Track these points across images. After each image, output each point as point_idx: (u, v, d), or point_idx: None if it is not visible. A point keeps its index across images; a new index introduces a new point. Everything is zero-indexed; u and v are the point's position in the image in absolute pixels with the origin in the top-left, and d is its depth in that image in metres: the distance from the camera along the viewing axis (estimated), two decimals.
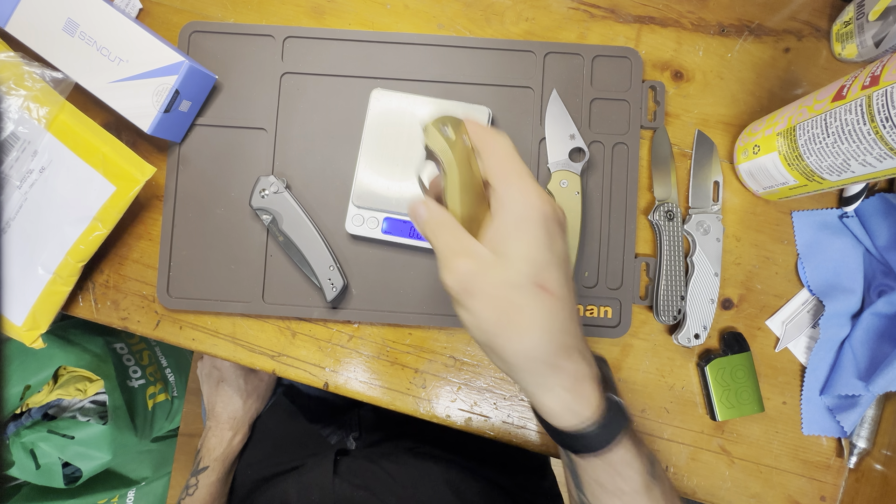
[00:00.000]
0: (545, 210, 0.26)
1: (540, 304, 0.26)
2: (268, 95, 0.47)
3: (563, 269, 0.27)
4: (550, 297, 0.26)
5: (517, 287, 0.25)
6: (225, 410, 0.62)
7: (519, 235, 0.26)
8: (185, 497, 0.57)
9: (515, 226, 0.26)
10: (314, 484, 0.52)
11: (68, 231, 0.43)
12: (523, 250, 0.26)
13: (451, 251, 0.27)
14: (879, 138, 0.33)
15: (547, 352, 0.26)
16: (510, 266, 0.25)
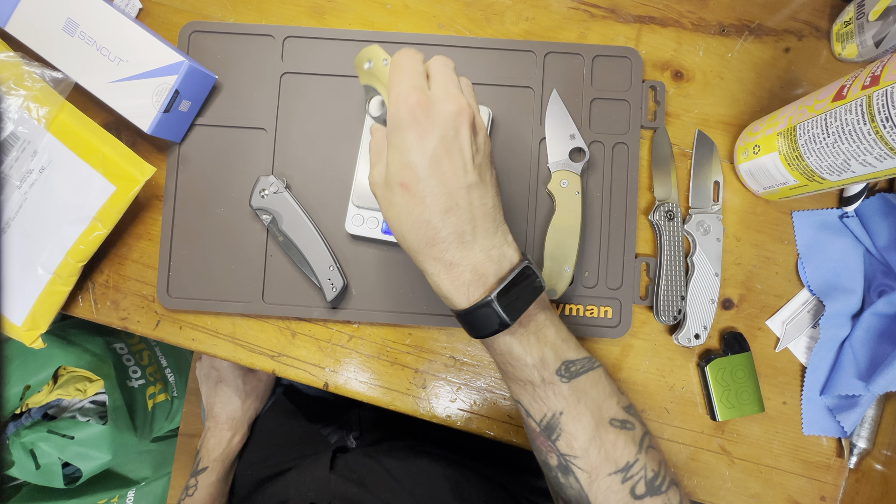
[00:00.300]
0: (407, 113, 0.28)
1: (402, 201, 0.30)
2: (268, 95, 0.47)
3: (426, 168, 0.29)
4: (409, 194, 0.29)
5: (388, 187, 0.30)
6: (223, 411, 0.62)
7: (391, 140, 0.30)
8: (185, 498, 0.57)
9: (389, 131, 0.30)
10: (311, 479, 0.52)
11: (68, 231, 0.43)
12: (391, 155, 0.30)
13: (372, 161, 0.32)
14: (879, 138, 0.33)
15: (414, 241, 0.31)
16: (385, 170, 0.30)
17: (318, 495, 0.49)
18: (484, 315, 0.30)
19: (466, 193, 0.30)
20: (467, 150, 0.30)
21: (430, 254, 0.30)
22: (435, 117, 0.29)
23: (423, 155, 0.29)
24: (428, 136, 0.29)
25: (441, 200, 0.29)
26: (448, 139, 0.29)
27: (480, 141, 0.31)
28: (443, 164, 0.29)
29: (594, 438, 0.31)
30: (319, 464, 0.53)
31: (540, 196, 0.46)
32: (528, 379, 0.32)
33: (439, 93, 0.30)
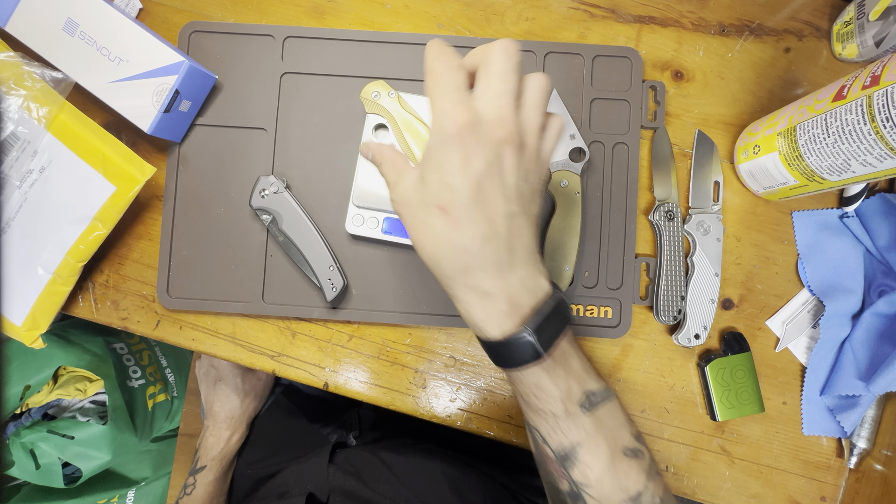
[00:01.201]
0: (454, 131, 0.26)
1: (439, 224, 0.28)
2: (268, 95, 0.47)
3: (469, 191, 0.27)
4: (447, 218, 0.27)
5: (424, 206, 0.28)
6: (222, 409, 0.62)
7: (432, 158, 0.28)
8: (183, 496, 0.57)
9: (430, 149, 0.28)
10: (309, 472, 0.52)
11: (68, 231, 0.43)
12: (432, 173, 0.28)
13: (391, 178, 0.31)
14: (880, 138, 0.33)
15: (448, 267, 0.29)
16: (423, 187, 0.28)
17: (317, 487, 0.49)
18: (517, 346, 0.29)
19: (507, 222, 0.28)
20: (511, 178, 0.28)
21: (465, 281, 0.29)
22: (483, 139, 0.27)
23: (467, 178, 0.27)
24: (474, 158, 0.27)
25: (481, 227, 0.28)
26: (493, 164, 0.27)
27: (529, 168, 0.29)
28: (486, 190, 0.27)
29: (608, 469, 0.31)
30: (318, 457, 0.53)
31: None
32: (551, 410, 0.31)
33: (490, 113, 0.27)
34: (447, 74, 0.28)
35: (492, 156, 0.27)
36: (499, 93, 0.28)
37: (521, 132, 0.28)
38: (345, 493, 0.48)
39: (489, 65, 0.28)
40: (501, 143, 0.27)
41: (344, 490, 0.48)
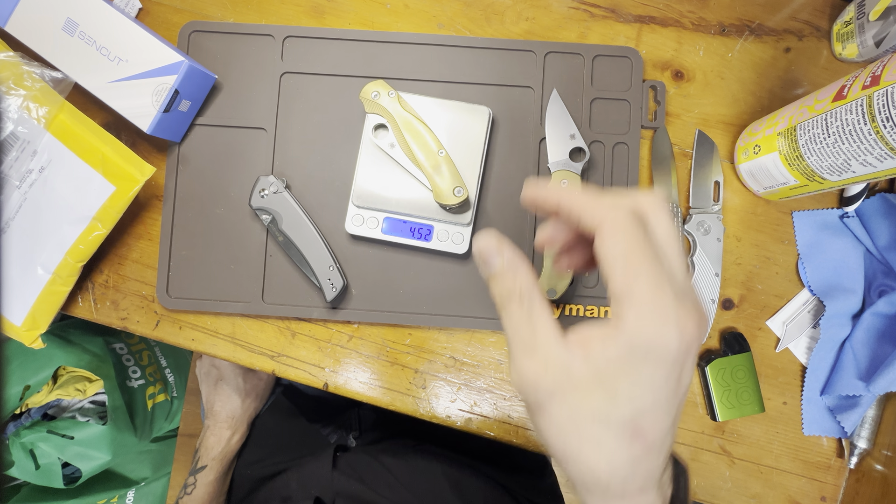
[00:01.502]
0: (682, 350, 0.19)
1: (626, 448, 0.20)
2: (267, 95, 0.47)
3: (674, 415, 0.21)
4: (643, 444, 0.20)
5: (606, 424, 0.20)
6: (223, 409, 0.62)
7: (634, 370, 0.20)
8: (184, 496, 0.57)
9: (632, 356, 0.19)
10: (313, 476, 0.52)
11: (68, 231, 0.43)
12: (631, 390, 0.20)
13: (526, 346, 0.21)
14: (880, 138, 0.33)
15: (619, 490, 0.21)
16: (607, 400, 0.20)
17: (321, 491, 0.49)
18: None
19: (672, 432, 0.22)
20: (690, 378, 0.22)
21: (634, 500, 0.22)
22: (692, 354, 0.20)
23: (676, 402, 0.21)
24: (685, 377, 0.21)
25: (667, 449, 0.22)
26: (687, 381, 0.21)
27: None
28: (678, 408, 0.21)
29: None
30: (321, 461, 0.53)
31: None
32: None
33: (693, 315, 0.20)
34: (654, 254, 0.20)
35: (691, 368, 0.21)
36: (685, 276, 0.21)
37: None
38: (349, 496, 0.48)
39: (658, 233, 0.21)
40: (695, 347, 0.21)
41: (348, 493, 0.48)
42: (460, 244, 0.44)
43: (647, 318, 0.19)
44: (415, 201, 0.44)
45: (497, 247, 0.23)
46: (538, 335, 0.21)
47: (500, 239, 0.23)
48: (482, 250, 0.23)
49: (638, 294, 0.19)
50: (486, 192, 0.46)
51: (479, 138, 0.44)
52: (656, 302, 0.19)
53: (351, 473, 0.51)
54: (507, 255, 0.22)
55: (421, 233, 0.44)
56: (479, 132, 0.44)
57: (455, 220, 0.44)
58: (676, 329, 0.19)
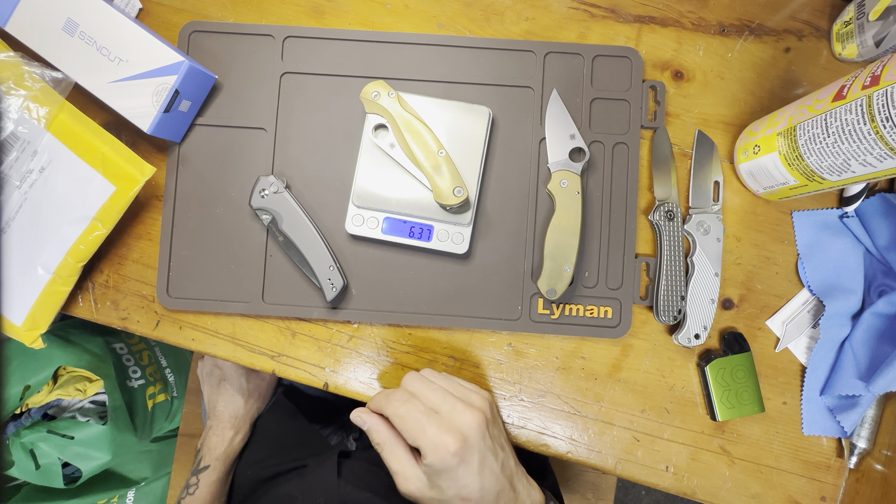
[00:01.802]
0: (455, 455, 0.35)
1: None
2: (268, 95, 0.47)
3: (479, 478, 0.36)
4: (471, 502, 0.36)
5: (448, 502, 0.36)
6: (226, 409, 0.62)
7: (441, 475, 0.35)
8: (186, 496, 0.56)
9: (437, 471, 0.35)
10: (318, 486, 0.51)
11: (68, 231, 0.43)
12: (446, 483, 0.36)
13: (398, 473, 0.37)
14: (880, 138, 0.33)
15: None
16: (439, 492, 0.36)
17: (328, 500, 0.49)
18: None
19: (503, 470, 0.37)
20: (493, 443, 0.38)
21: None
22: (471, 444, 0.36)
23: (475, 476, 0.36)
24: (473, 461, 0.36)
25: (494, 490, 0.36)
26: (484, 450, 0.36)
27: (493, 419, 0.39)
28: (487, 467, 0.36)
29: None
30: (326, 470, 0.53)
31: (540, 196, 0.46)
32: None
33: (460, 419, 0.36)
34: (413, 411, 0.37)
35: (482, 443, 0.36)
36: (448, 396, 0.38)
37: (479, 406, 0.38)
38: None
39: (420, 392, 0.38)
40: (480, 425, 0.37)
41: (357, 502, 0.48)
42: (460, 244, 0.44)
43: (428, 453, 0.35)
44: (415, 201, 0.44)
45: (364, 417, 0.39)
46: (402, 463, 0.37)
47: (364, 412, 0.39)
48: (356, 420, 0.39)
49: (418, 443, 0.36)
50: (486, 192, 0.46)
51: (479, 138, 0.44)
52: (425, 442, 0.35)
53: (357, 482, 0.51)
54: (370, 422, 0.39)
55: (421, 233, 0.44)
56: (479, 132, 0.44)
57: (455, 220, 0.44)
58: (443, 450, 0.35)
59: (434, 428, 0.36)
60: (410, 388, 0.39)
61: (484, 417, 0.37)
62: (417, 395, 0.38)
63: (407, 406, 0.37)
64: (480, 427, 0.37)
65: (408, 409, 0.37)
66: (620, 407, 0.47)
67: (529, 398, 0.47)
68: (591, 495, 0.74)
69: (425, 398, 0.38)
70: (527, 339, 0.47)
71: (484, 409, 0.38)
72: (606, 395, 0.47)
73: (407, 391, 0.39)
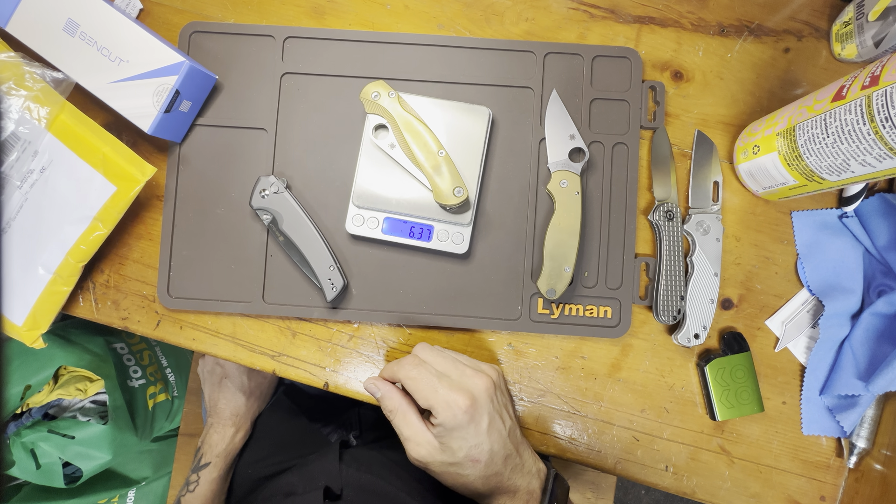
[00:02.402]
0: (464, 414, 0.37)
1: (474, 470, 0.38)
2: (268, 95, 0.47)
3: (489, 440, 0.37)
4: (480, 464, 0.38)
5: (457, 465, 0.38)
6: (228, 407, 0.62)
7: (451, 436, 0.37)
8: (186, 493, 0.57)
9: (448, 431, 0.37)
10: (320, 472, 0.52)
11: (69, 231, 0.43)
12: (457, 444, 0.37)
13: (408, 438, 0.38)
14: (879, 138, 0.33)
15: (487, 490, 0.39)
16: (450, 454, 0.37)
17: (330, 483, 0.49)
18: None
19: (510, 436, 0.39)
20: (500, 407, 0.39)
21: (498, 492, 0.38)
22: (480, 404, 0.38)
23: (484, 436, 0.37)
24: (482, 421, 0.37)
25: (502, 454, 0.38)
26: (493, 412, 0.38)
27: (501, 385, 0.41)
28: (495, 429, 0.38)
29: None
30: (328, 457, 0.53)
31: (540, 196, 0.46)
32: None
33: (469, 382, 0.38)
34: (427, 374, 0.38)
35: (489, 406, 0.38)
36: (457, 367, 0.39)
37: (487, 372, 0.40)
38: (359, 486, 0.48)
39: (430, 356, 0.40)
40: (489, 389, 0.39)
41: (358, 483, 0.49)
42: (460, 244, 0.44)
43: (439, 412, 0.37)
44: (415, 201, 0.44)
45: (376, 384, 0.40)
46: (412, 428, 0.38)
47: (377, 379, 0.41)
48: (368, 388, 0.41)
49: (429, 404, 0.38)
50: (486, 192, 0.46)
51: (479, 138, 0.44)
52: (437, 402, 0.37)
53: (358, 466, 0.51)
54: (383, 389, 0.40)
55: (421, 233, 0.44)
56: (479, 132, 0.44)
57: (455, 220, 0.44)
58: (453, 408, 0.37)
59: (445, 388, 0.37)
60: (422, 355, 0.40)
61: (492, 382, 0.39)
62: (428, 360, 0.40)
63: (419, 369, 0.39)
64: (489, 390, 0.39)
65: (420, 372, 0.38)
66: (620, 406, 0.47)
67: (529, 398, 0.47)
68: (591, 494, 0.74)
69: (436, 363, 0.39)
70: (526, 338, 0.47)
71: (492, 376, 0.40)
72: (606, 395, 0.47)
73: (418, 357, 0.40)
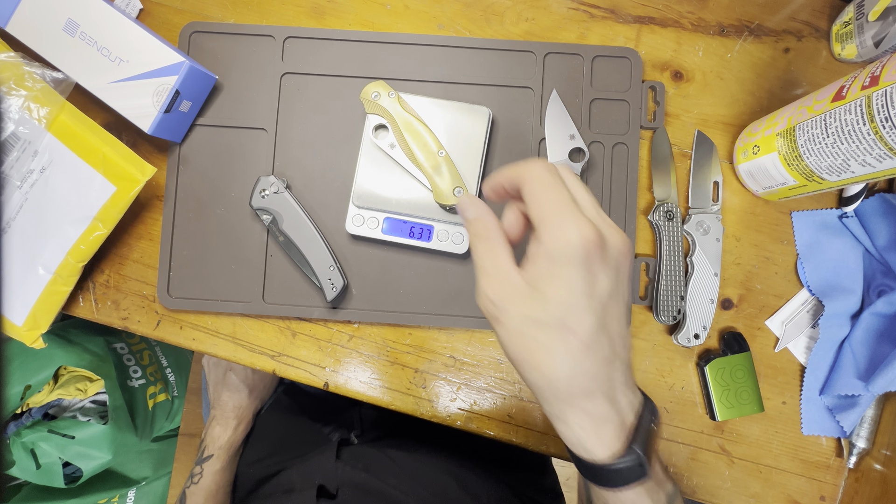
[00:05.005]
0: (585, 248, 0.25)
1: (563, 346, 0.25)
2: (268, 95, 0.47)
3: (597, 312, 0.26)
4: (575, 341, 0.25)
5: (543, 325, 0.25)
6: (231, 399, 0.63)
7: (553, 274, 0.25)
8: (190, 485, 0.57)
9: (550, 264, 0.25)
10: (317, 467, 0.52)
11: (69, 231, 0.43)
12: (555, 291, 0.25)
13: (487, 272, 0.27)
14: (879, 138, 0.33)
15: (566, 391, 0.26)
16: (540, 304, 0.25)
17: (325, 481, 0.49)
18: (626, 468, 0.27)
19: (623, 340, 0.27)
20: (628, 294, 0.28)
21: (583, 405, 0.27)
22: (609, 259, 0.26)
23: (596, 300, 0.26)
24: (602, 279, 0.26)
25: (607, 351, 0.26)
26: (617, 283, 0.26)
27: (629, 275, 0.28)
28: (611, 311, 0.26)
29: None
30: (325, 454, 0.53)
31: None
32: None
33: (606, 230, 0.27)
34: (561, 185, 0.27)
35: (615, 275, 0.26)
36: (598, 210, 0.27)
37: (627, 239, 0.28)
38: (354, 485, 0.49)
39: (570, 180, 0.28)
40: (621, 263, 0.27)
41: (353, 482, 0.49)
42: (460, 244, 0.44)
43: (554, 231, 0.25)
44: (415, 201, 0.44)
45: (472, 201, 0.29)
46: (497, 262, 0.27)
47: (474, 197, 0.31)
48: (462, 204, 0.30)
49: (547, 217, 0.25)
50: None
51: (479, 138, 0.44)
52: (559, 218, 0.25)
53: (355, 464, 0.51)
54: (480, 207, 0.29)
55: (421, 233, 0.44)
56: (479, 132, 0.44)
57: (455, 220, 0.44)
58: (576, 232, 0.25)
59: (576, 211, 0.26)
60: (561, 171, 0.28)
61: (630, 250, 0.28)
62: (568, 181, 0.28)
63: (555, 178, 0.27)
64: (625, 253, 0.27)
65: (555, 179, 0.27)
66: None
67: (529, 398, 0.47)
68: None
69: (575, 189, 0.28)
70: None
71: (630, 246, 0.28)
72: None
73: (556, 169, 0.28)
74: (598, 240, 0.25)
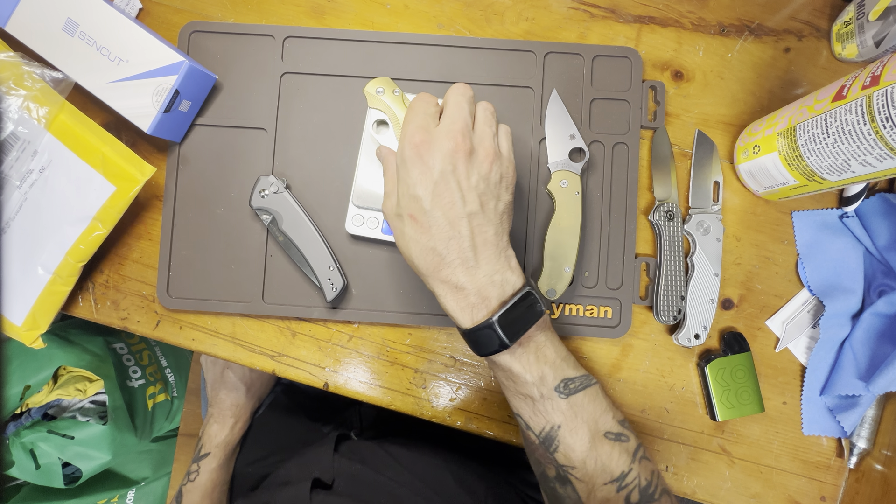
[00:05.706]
0: (412, 148, 0.32)
1: (411, 230, 0.33)
2: (268, 95, 0.47)
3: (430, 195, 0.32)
4: (416, 224, 0.33)
5: (399, 217, 0.34)
6: (228, 397, 0.63)
7: (400, 176, 0.33)
8: (187, 483, 0.57)
9: (398, 168, 0.34)
10: (314, 460, 0.52)
11: (68, 231, 0.43)
12: (401, 187, 0.33)
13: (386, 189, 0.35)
14: (879, 138, 0.33)
15: (424, 267, 0.33)
16: (397, 201, 0.34)
17: (322, 473, 0.49)
18: (486, 335, 0.33)
19: (467, 222, 0.33)
20: (465, 182, 0.32)
21: (438, 277, 0.33)
22: (435, 154, 0.32)
23: (426, 188, 0.32)
24: (430, 171, 0.32)
25: (444, 229, 0.32)
26: (447, 173, 0.32)
27: (486, 167, 0.33)
28: (443, 196, 0.32)
29: (591, 450, 0.33)
30: (323, 447, 0.53)
31: (540, 196, 0.46)
32: (527, 394, 0.35)
33: (440, 131, 0.33)
34: (419, 107, 0.34)
35: (446, 165, 0.32)
36: (452, 116, 0.33)
37: (473, 141, 0.33)
38: (350, 476, 0.49)
39: (447, 101, 0.34)
40: (453, 153, 0.32)
41: (350, 473, 0.49)
42: None
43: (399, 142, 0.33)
44: None
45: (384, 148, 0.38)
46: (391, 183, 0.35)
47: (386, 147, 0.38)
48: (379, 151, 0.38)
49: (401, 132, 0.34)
50: None
51: None
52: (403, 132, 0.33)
53: (352, 457, 0.51)
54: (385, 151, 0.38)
55: None
56: None
57: None
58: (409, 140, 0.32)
59: (417, 123, 0.33)
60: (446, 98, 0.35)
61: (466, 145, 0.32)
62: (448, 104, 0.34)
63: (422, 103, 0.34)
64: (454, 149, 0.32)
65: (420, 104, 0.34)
66: (620, 407, 0.47)
67: None
68: None
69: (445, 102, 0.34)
70: None
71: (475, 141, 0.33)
72: None
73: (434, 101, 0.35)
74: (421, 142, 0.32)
